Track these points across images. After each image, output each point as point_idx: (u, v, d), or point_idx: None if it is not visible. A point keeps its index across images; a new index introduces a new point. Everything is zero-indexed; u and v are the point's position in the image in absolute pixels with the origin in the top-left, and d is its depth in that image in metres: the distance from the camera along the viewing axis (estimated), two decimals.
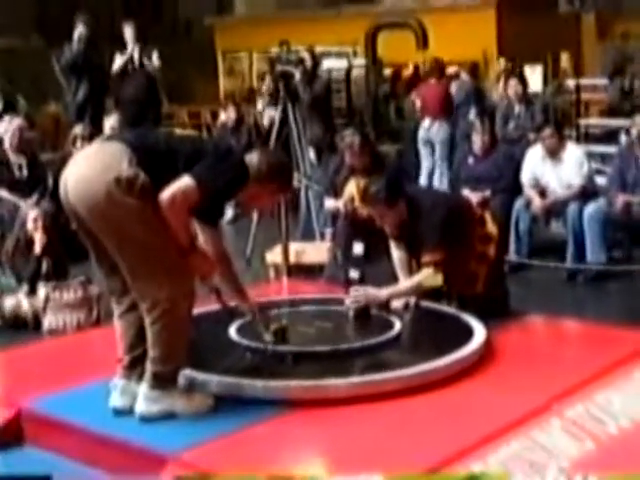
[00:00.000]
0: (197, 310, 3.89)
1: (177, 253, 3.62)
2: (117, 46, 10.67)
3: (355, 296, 4.73)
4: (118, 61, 10.48)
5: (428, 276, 4.71)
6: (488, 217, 5.05)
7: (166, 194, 3.51)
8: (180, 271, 3.64)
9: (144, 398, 3.72)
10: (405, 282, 4.86)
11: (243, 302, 4.18)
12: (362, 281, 5.20)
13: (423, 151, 10.84)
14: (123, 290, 3.79)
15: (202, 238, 3.89)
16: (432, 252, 4.69)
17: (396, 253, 5.01)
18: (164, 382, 3.72)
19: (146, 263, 3.61)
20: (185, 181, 3.54)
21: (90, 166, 3.61)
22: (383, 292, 4.77)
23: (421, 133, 10.84)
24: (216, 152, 3.75)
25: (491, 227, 4.98)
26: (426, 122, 10.79)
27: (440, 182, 10.56)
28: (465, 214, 4.97)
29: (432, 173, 10.86)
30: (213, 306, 4.33)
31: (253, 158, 3.85)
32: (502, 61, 13.49)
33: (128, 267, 3.64)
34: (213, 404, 3.78)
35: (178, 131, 5.54)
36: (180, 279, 3.64)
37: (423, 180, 10.68)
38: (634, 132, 7.16)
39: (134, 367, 3.83)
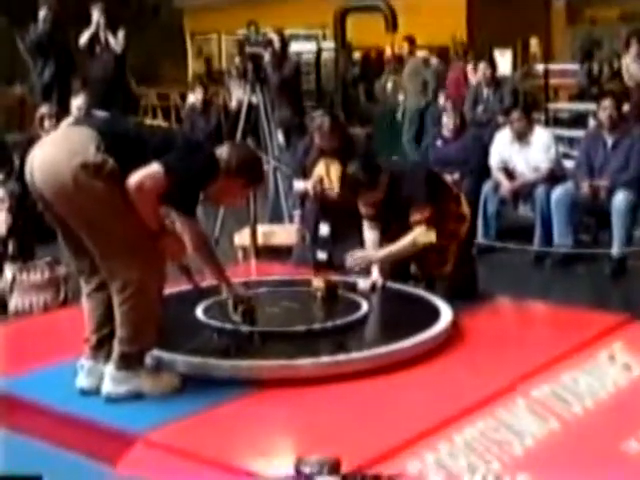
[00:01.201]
0: (165, 291, 3.87)
1: (147, 235, 3.61)
2: (84, 28, 10.63)
3: (354, 258, 4.79)
4: (84, 35, 10.45)
5: (421, 233, 4.73)
6: (463, 197, 5.08)
7: (134, 179, 3.50)
8: (150, 252, 3.62)
9: (111, 379, 3.69)
10: (400, 241, 4.82)
11: (226, 285, 4.15)
12: (330, 262, 5.19)
13: None
14: (91, 270, 3.76)
15: (179, 226, 3.85)
16: (421, 210, 4.71)
17: (369, 233, 5.01)
18: (131, 363, 3.70)
19: (115, 245, 3.59)
20: (153, 167, 3.53)
21: (57, 150, 3.59)
22: (379, 252, 4.83)
23: None
24: (186, 144, 3.75)
25: (465, 207, 5.01)
26: None
27: None
28: (442, 187, 5.00)
29: None
30: (180, 287, 4.33)
31: (223, 152, 3.84)
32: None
33: (97, 249, 3.62)
34: (181, 384, 3.76)
35: (148, 121, 5.51)
36: (150, 260, 3.63)
37: None
38: (602, 116, 7.20)
39: (101, 347, 3.80)
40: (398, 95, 12.46)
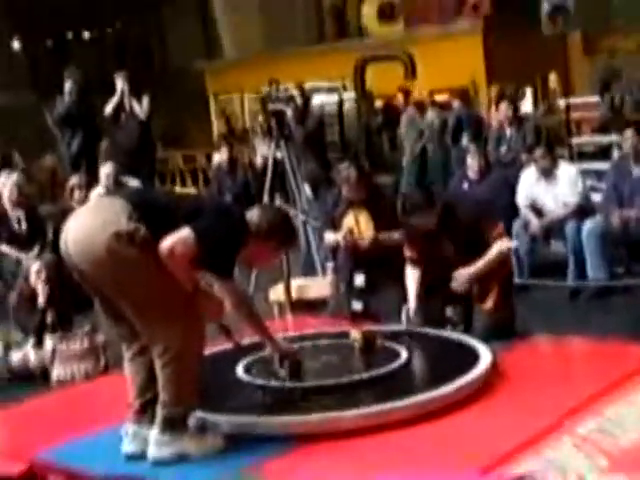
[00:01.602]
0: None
1: (185, 298, 3.64)
2: (109, 96, 10.78)
3: (457, 280, 5.04)
4: (109, 104, 10.60)
5: (502, 246, 5.06)
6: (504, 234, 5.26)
7: (165, 244, 3.54)
8: (189, 315, 3.66)
9: (155, 442, 3.71)
10: (485, 257, 5.08)
11: (269, 340, 4.16)
12: (365, 312, 5.22)
13: None
14: (132, 335, 3.79)
15: (217, 288, 3.86)
16: (494, 226, 5.12)
17: (412, 273, 5.18)
18: (175, 425, 3.72)
19: (153, 311, 3.63)
20: (184, 232, 3.57)
21: (90, 221, 3.65)
22: (471, 269, 5.04)
23: None
24: (216, 208, 3.82)
25: (507, 243, 5.15)
26: None
27: None
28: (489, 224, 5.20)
29: None
30: (218, 346, 4.36)
31: (254, 215, 3.86)
32: (494, 88, 13.62)
33: (136, 315, 3.66)
34: (224, 444, 3.77)
35: (178, 189, 5.59)
36: (189, 323, 3.65)
37: None
38: (625, 147, 7.19)
39: (145, 411, 3.82)
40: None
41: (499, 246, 5.07)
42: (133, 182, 9.14)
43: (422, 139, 12.43)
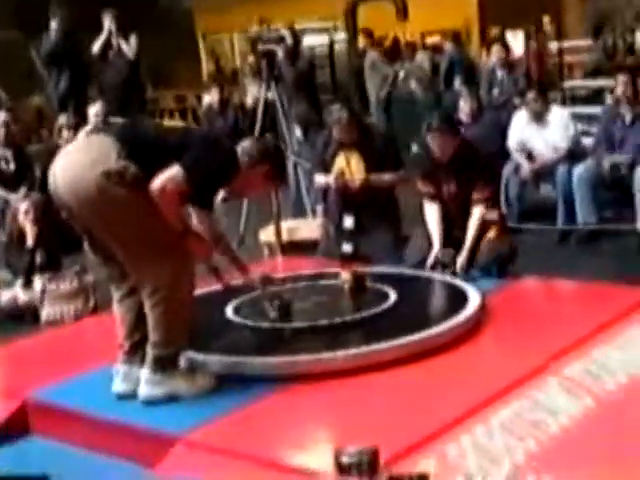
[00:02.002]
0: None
1: (175, 237, 3.65)
2: (97, 35, 10.69)
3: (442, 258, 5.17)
4: (97, 43, 10.52)
5: (481, 214, 5.16)
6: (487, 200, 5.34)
7: (156, 184, 3.54)
8: (178, 255, 3.67)
9: (147, 382, 3.75)
10: (470, 230, 5.18)
11: (246, 277, 4.24)
12: (355, 254, 5.24)
13: None
14: (121, 275, 3.82)
15: (196, 221, 3.92)
16: (483, 189, 5.21)
17: (431, 211, 5.33)
18: (166, 365, 3.75)
19: (143, 250, 3.64)
20: (174, 170, 3.57)
21: (79, 160, 3.63)
22: (463, 254, 5.14)
23: None
24: (205, 141, 3.80)
25: (490, 214, 5.31)
26: None
27: None
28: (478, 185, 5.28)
29: None
30: (208, 287, 4.38)
31: (245, 145, 3.89)
32: (493, 30, 13.55)
33: (126, 255, 3.67)
34: (215, 384, 3.81)
35: (166, 122, 5.56)
36: (179, 263, 3.67)
37: None
38: (618, 91, 7.18)
39: (135, 352, 3.85)
40: (410, 82, 12.53)
41: (478, 215, 5.17)
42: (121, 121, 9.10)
43: (386, 85, 12.30)
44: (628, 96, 7.11)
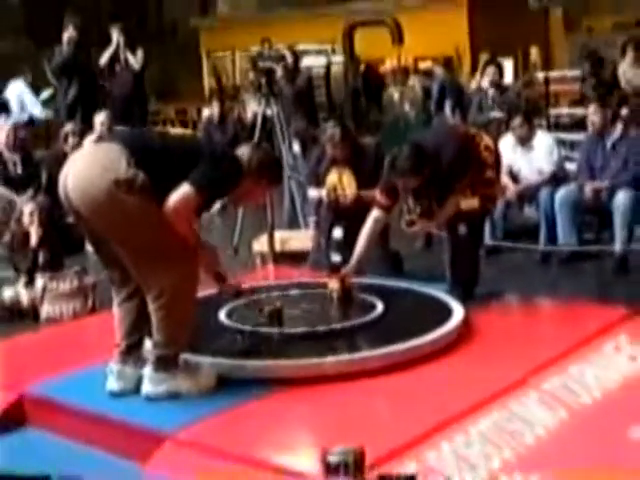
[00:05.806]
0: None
1: (180, 243, 3.71)
2: (104, 48, 10.90)
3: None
4: (105, 55, 10.72)
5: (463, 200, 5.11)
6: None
7: (169, 204, 3.61)
8: (183, 260, 3.73)
9: (149, 380, 3.84)
10: (447, 207, 5.16)
11: (220, 286, 4.25)
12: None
13: None
14: (122, 280, 3.90)
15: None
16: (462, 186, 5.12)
17: (374, 219, 5.20)
18: (168, 365, 3.84)
19: (150, 256, 3.70)
20: (185, 190, 3.63)
21: (89, 167, 3.69)
22: (439, 219, 5.22)
23: None
24: (211, 154, 3.82)
25: (490, 173, 5.35)
26: None
27: None
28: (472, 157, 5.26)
29: None
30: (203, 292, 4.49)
31: (244, 154, 3.94)
32: (484, 55, 13.81)
33: (132, 260, 3.74)
34: (216, 383, 3.90)
35: (172, 130, 5.64)
36: (184, 268, 3.74)
37: None
38: (594, 119, 7.36)
39: (130, 353, 3.95)
40: (404, 105, 12.78)
41: (452, 201, 5.15)
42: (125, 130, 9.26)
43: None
44: (594, 126, 7.30)
